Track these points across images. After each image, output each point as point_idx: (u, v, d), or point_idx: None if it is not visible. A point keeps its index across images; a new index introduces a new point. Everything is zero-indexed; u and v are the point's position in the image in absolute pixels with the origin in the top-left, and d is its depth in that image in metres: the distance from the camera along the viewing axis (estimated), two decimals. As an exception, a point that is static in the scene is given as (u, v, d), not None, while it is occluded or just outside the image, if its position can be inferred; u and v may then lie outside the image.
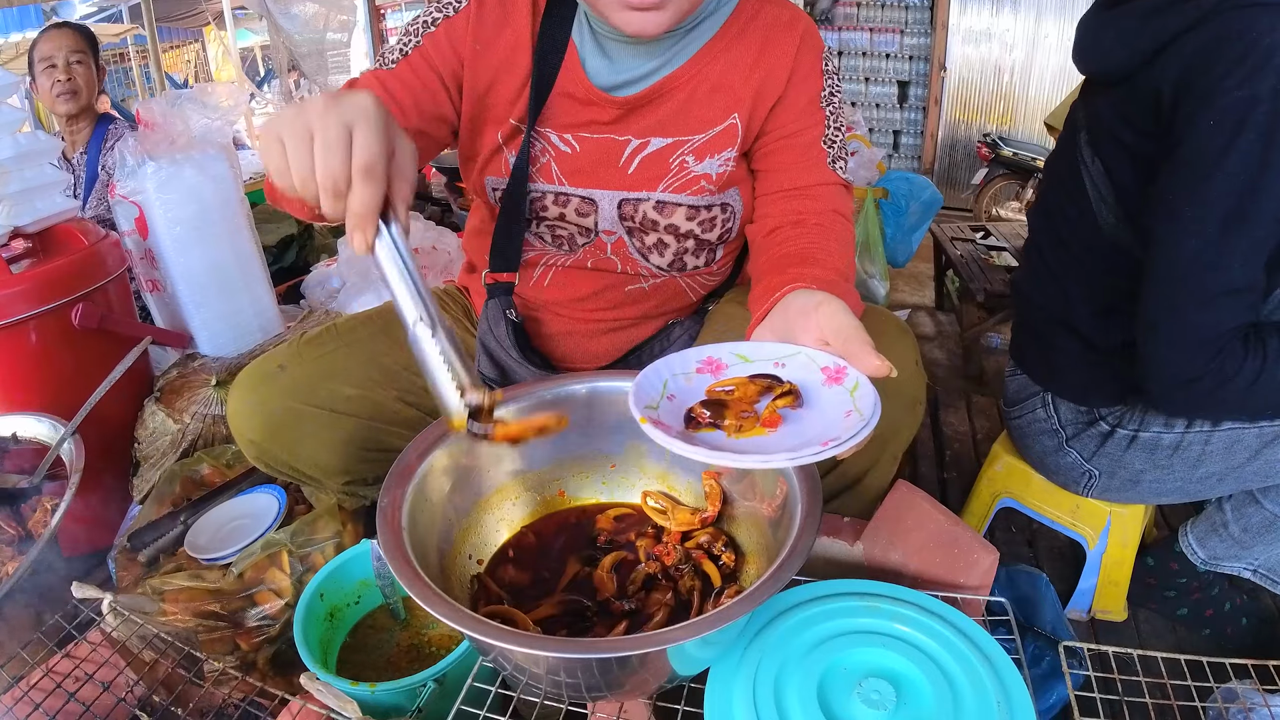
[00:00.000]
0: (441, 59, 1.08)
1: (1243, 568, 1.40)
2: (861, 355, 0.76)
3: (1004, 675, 0.75)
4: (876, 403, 0.72)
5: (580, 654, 0.63)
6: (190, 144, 1.92)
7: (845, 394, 0.76)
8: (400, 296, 0.71)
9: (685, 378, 0.83)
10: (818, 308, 0.82)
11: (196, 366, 1.90)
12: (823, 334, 0.81)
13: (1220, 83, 1.01)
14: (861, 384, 0.76)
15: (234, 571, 1.28)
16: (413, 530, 0.77)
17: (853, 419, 0.72)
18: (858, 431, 0.69)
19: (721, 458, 0.69)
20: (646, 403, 0.77)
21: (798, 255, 0.99)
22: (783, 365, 0.81)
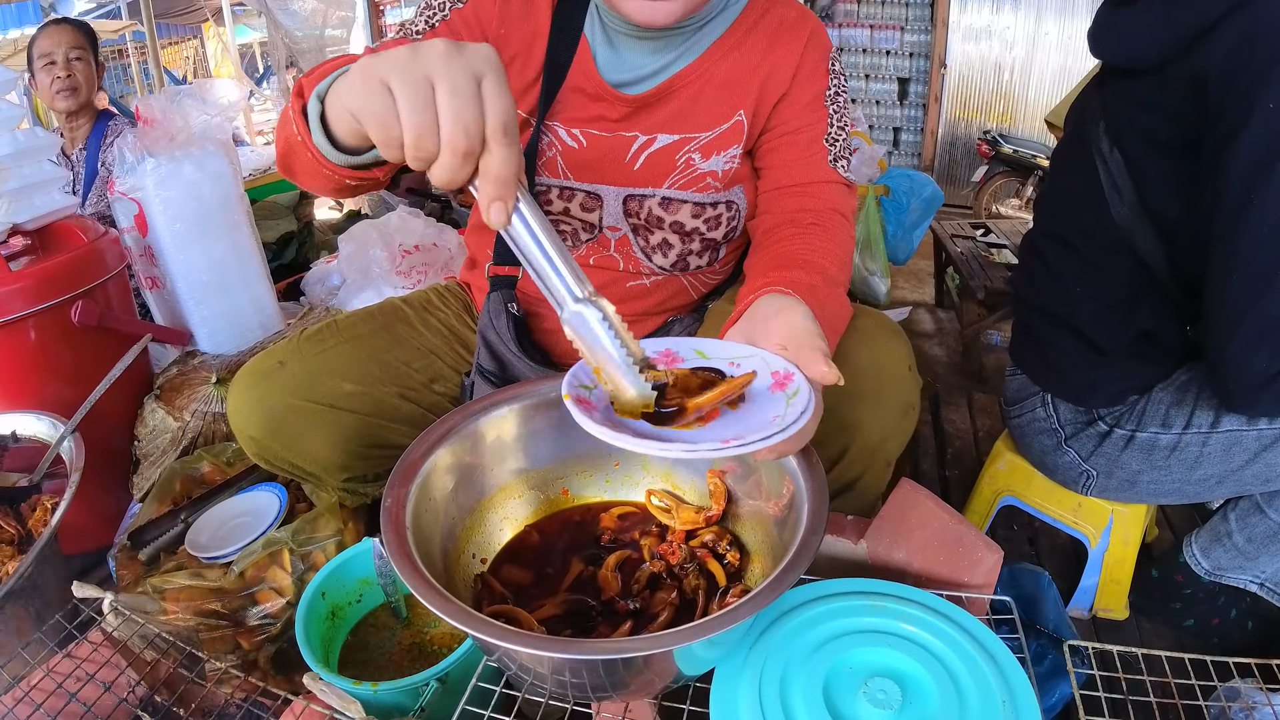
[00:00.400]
0: (470, 35, 1.07)
1: (1249, 580, 1.38)
2: (810, 361, 0.75)
3: (1009, 674, 0.75)
4: (806, 411, 0.70)
5: (585, 655, 0.63)
6: (190, 141, 1.92)
7: (783, 399, 0.75)
8: (550, 274, 0.65)
9: None
10: (779, 313, 0.82)
11: (196, 364, 1.89)
12: (781, 339, 0.80)
13: (1273, 64, 0.99)
14: (801, 390, 0.74)
15: (235, 570, 1.27)
16: (416, 529, 0.76)
17: (773, 422, 0.70)
18: (769, 435, 0.66)
19: (620, 439, 0.66)
20: (582, 381, 0.75)
21: (786, 257, 0.98)
22: (737, 365, 0.80)
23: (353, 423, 1.16)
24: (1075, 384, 1.36)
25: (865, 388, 1.00)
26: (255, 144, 5.44)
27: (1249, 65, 1.01)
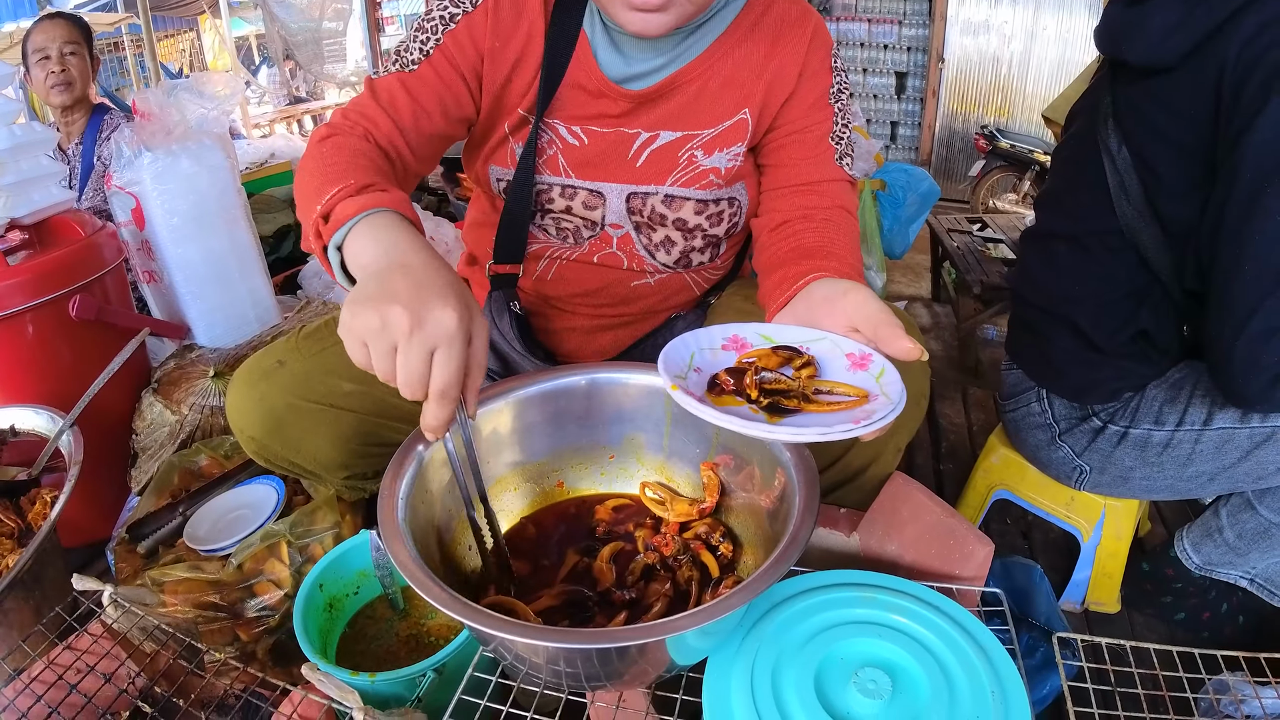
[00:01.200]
0: (464, 57, 1.06)
1: (1239, 575, 1.39)
2: (893, 339, 0.78)
3: (999, 666, 0.76)
4: (903, 388, 0.74)
5: (580, 645, 0.63)
6: (187, 134, 1.91)
7: (870, 379, 0.78)
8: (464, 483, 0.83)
9: (711, 352, 0.84)
10: (844, 295, 0.84)
11: (194, 358, 1.90)
12: (850, 321, 0.82)
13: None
14: (888, 370, 0.78)
15: (233, 563, 1.28)
16: (413, 521, 0.77)
17: (880, 402, 0.74)
18: (886, 413, 0.71)
19: (753, 428, 0.71)
20: (675, 373, 0.78)
21: (812, 248, 1.00)
22: (808, 349, 0.83)
23: (352, 421, 1.16)
24: (1071, 381, 1.36)
25: None
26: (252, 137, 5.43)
27: (1265, 57, 1.01)
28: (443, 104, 1.05)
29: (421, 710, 1.00)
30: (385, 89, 1.03)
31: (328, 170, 0.87)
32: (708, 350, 0.84)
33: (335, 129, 0.98)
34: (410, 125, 1.02)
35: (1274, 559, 1.35)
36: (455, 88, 1.06)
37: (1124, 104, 1.21)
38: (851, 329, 0.82)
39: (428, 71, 1.04)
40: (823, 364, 0.81)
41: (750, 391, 0.77)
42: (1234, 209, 1.06)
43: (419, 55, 1.05)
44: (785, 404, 0.76)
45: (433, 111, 1.04)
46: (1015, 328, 1.51)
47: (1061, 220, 1.36)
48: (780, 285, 0.94)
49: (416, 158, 1.04)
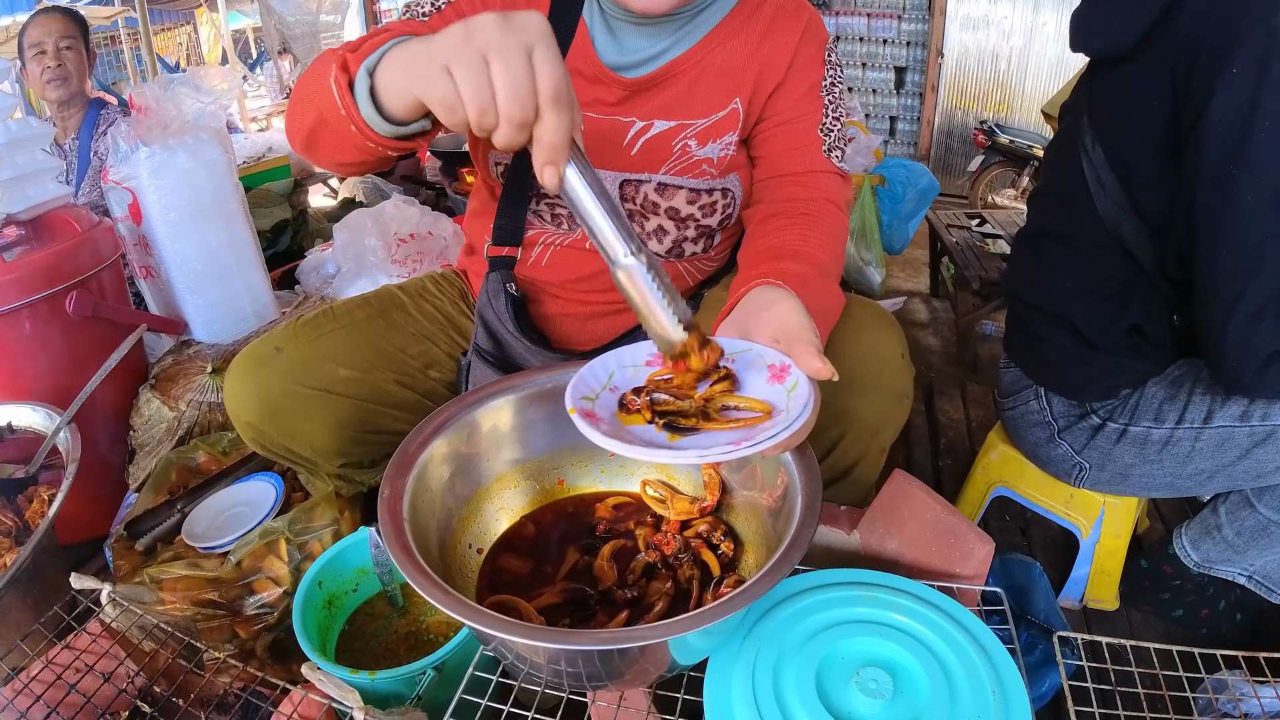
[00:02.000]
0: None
1: (1237, 573, 1.40)
2: (803, 355, 0.76)
3: (999, 664, 0.76)
4: (808, 405, 0.72)
5: (582, 645, 0.63)
6: (183, 129, 1.91)
7: (783, 392, 0.76)
8: (602, 230, 0.70)
9: (634, 369, 0.83)
10: (772, 305, 0.83)
11: (191, 353, 1.89)
12: (774, 332, 0.81)
13: (1233, 31, 0.99)
14: (800, 384, 0.75)
15: (232, 560, 1.28)
16: (414, 520, 0.77)
17: (778, 418, 0.72)
18: (779, 430, 0.68)
19: (639, 452, 0.69)
20: (584, 394, 0.77)
21: (779, 248, 0.99)
22: (733, 361, 0.81)
23: (349, 408, 1.17)
24: (1068, 379, 1.36)
25: (859, 376, 1.01)
26: (249, 131, 5.42)
27: (1213, 34, 1.02)
28: None
29: (421, 708, 1.00)
30: (396, 27, 1.01)
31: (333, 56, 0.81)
32: (630, 368, 0.83)
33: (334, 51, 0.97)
34: None
35: (1272, 556, 1.35)
36: None
37: (1096, 99, 1.23)
38: (774, 340, 0.81)
39: (438, 22, 1.06)
40: (746, 376, 0.80)
41: (644, 413, 0.76)
42: (1203, 195, 1.06)
43: (430, 9, 1.07)
44: (683, 423, 0.74)
45: None
46: (1011, 327, 1.51)
47: (1047, 218, 1.37)
48: (736, 289, 0.94)
49: None
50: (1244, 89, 0.99)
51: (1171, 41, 1.07)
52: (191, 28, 8.63)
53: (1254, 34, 0.97)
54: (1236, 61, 0.99)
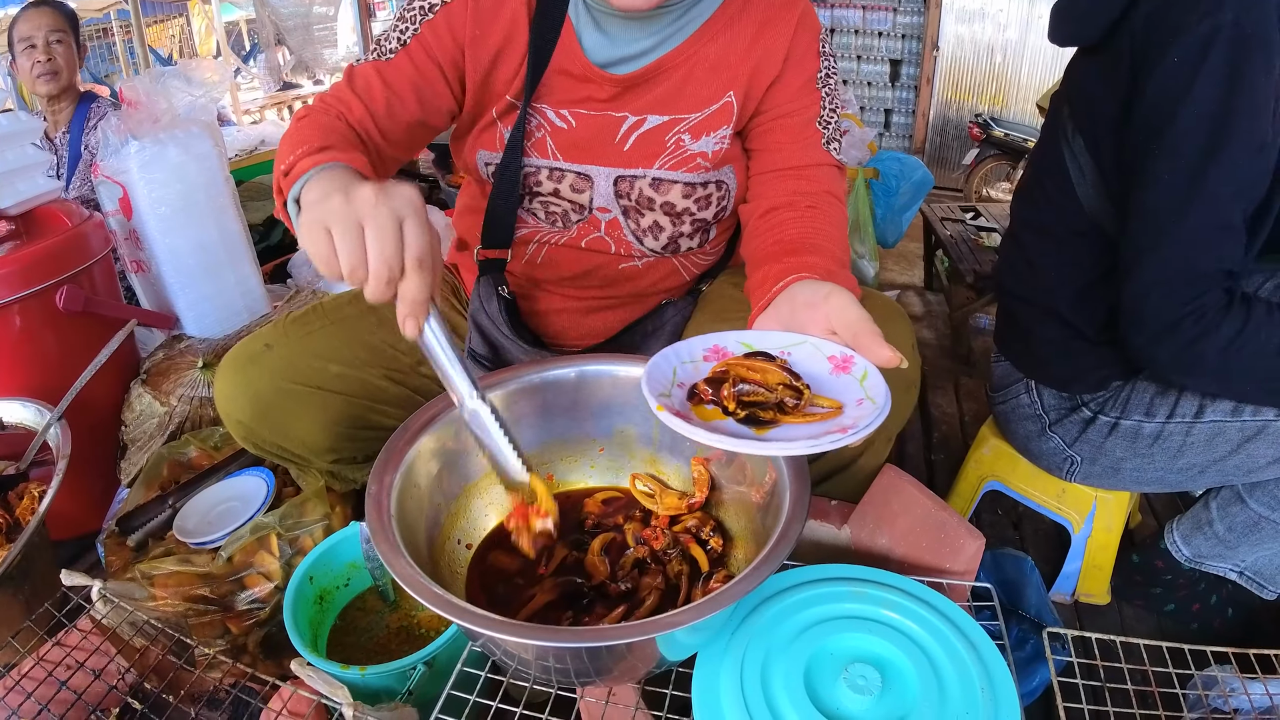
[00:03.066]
0: (441, 48, 1.07)
1: (1228, 568, 1.40)
2: (872, 346, 0.78)
3: (988, 660, 0.76)
4: (887, 391, 0.74)
5: (570, 643, 0.63)
6: (174, 122, 1.90)
7: (854, 382, 0.78)
8: (452, 378, 0.78)
9: (693, 364, 0.84)
10: (826, 299, 0.84)
11: (183, 348, 1.89)
12: (830, 325, 0.82)
13: (1181, 22, 1.03)
14: (871, 373, 0.77)
15: (223, 555, 1.27)
16: (401, 517, 0.77)
17: (866, 407, 0.73)
18: (873, 420, 0.70)
19: (738, 444, 0.70)
20: (660, 391, 0.78)
21: (796, 242, 1.00)
22: (789, 354, 0.82)
23: (340, 405, 1.16)
24: (1058, 371, 1.37)
25: None
26: (242, 124, 5.39)
27: (1162, 24, 1.05)
28: (418, 91, 1.07)
29: (413, 703, 1.00)
30: (361, 76, 1.06)
31: (297, 140, 0.89)
32: (689, 363, 0.84)
33: (311, 110, 1.02)
34: (383, 111, 1.04)
35: (1263, 552, 1.35)
36: (431, 78, 1.08)
37: (1073, 89, 1.25)
38: (831, 332, 0.82)
39: (404, 61, 1.06)
40: (804, 368, 0.80)
41: (728, 404, 0.77)
42: (1128, 167, 1.11)
43: (396, 45, 1.07)
44: (762, 415, 0.76)
45: (407, 99, 1.06)
46: (1001, 320, 1.52)
47: (1032, 211, 1.38)
48: (764, 284, 0.94)
49: (389, 142, 1.06)
50: (1179, 77, 1.03)
51: (1130, 31, 1.10)
52: (184, 19, 8.58)
53: (1198, 28, 1.01)
54: (1177, 50, 1.03)
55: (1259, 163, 1.05)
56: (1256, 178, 1.06)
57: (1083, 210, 1.25)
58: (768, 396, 0.76)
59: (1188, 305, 1.07)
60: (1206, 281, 1.07)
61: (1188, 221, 1.05)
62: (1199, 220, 1.05)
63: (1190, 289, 1.07)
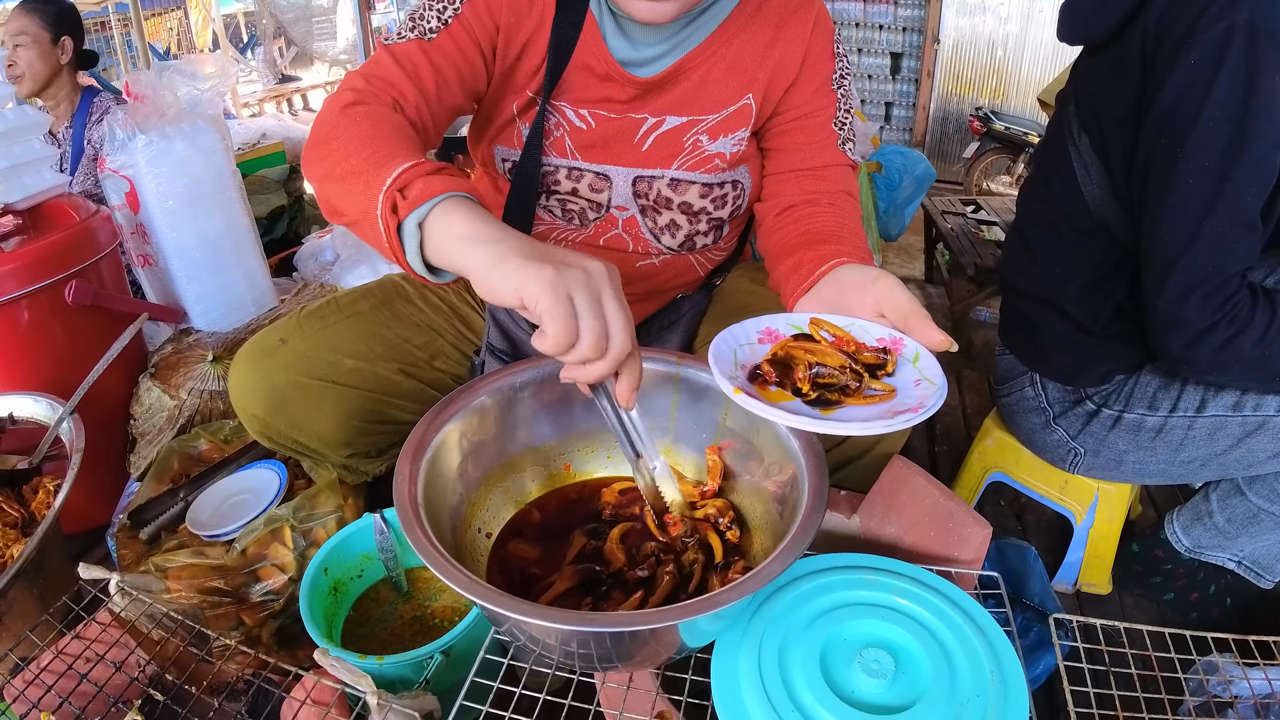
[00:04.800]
0: (481, 28, 1.05)
1: (1227, 558, 1.42)
2: (923, 329, 0.80)
3: (997, 647, 0.78)
4: (942, 371, 0.76)
5: (595, 627, 0.65)
6: (180, 116, 1.90)
7: (908, 364, 0.80)
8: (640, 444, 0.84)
9: (749, 347, 0.86)
10: (874, 282, 0.85)
11: (191, 342, 1.90)
12: (879, 308, 0.84)
13: (1196, 22, 1.02)
14: (922, 354, 0.80)
15: (237, 548, 1.29)
16: (428, 505, 0.78)
17: (925, 388, 0.76)
18: (936, 399, 0.72)
19: (820, 424, 0.72)
20: (728, 374, 0.79)
21: (823, 233, 1.01)
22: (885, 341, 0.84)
23: (355, 399, 1.17)
24: (1063, 365, 1.38)
25: None
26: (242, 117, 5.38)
27: (1176, 24, 1.05)
28: (460, 75, 1.04)
29: (429, 691, 1.01)
30: (407, 56, 1.00)
31: (379, 142, 0.84)
32: (746, 345, 0.85)
33: (362, 96, 0.94)
34: (434, 95, 1.01)
35: (1262, 543, 1.37)
36: (473, 59, 1.05)
37: (1081, 86, 1.26)
38: (879, 315, 0.84)
39: (447, 41, 1.03)
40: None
41: (802, 385, 0.79)
42: (1151, 170, 1.10)
43: (437, 24, 1.03)
44: (829, 397, 0.78)
45: (452, 82, 1.03)
46: (1006, 314, 1.53)
47: (1037, 207, 1.38)
48: (797, 270, 0.95)
49: (437, 127, 1.04)
50: (1198, 79, 1.03)
51: (1142, 30, 1.10)
52: (182, 12, 8.54)
53: (1214, 28, 1.01)
54: (1194, 52, 1.03)
55: (1276, 158, 1.05)
56: (1272, 174, 1.06)
57: (1088, 209, 1.26)
58: (837, 378, 0.78)
59: (1223, 308, 1.08)
60: (1235, 282, 1.08)
61: (1214, 224, 1.05)
62: (1225, 222, 1.05)
63: (1222, 291, 1.08)
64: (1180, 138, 1.06)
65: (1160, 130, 1.09)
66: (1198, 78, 1.03)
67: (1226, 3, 1.01)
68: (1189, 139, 1.05)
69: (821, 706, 0.71)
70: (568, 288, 0.66)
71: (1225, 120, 1.02)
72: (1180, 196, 1.07)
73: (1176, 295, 1.10)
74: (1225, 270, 1.07)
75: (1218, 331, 1.09)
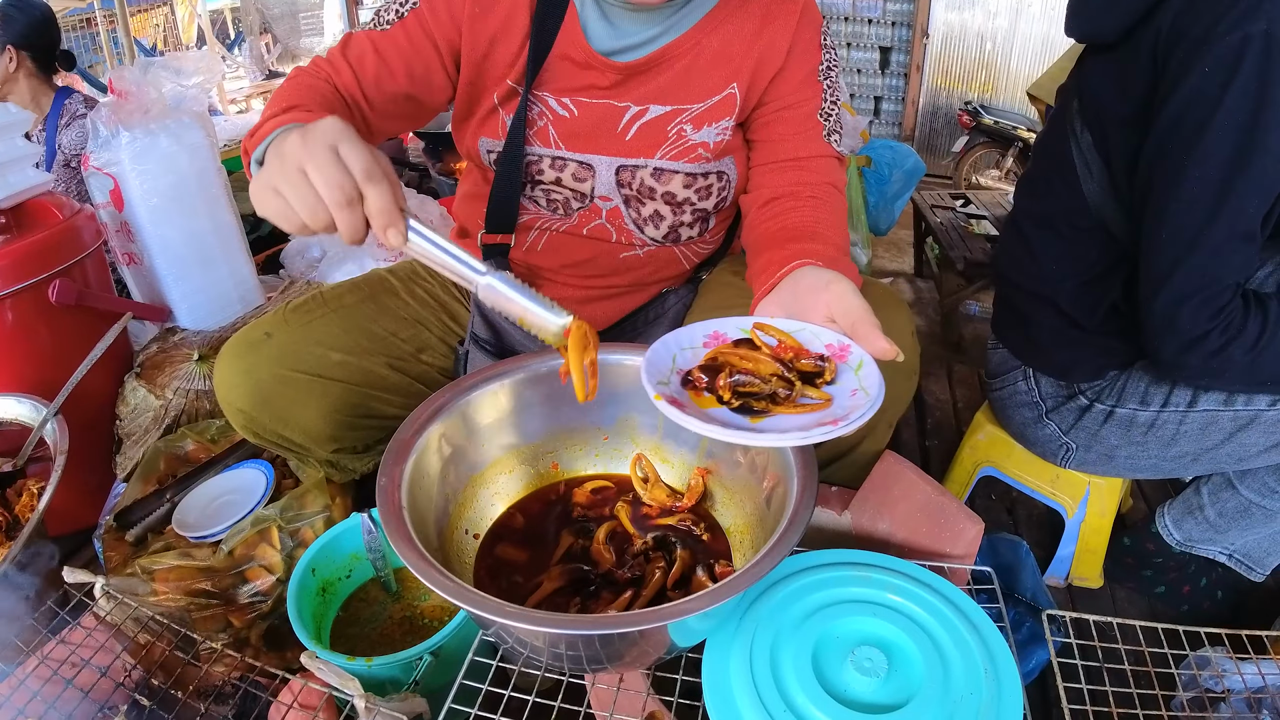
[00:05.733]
0: (438, 25, 1.07)
1: (1218, 551, 1.42)
2: (870, 337, 0.79)
3: (990, 642, 0.78)
4: (881, 382, 0.74)
5: (583, 630, 0.64)
6: (165, 113, 1.88)
7: (850, 372, 0.79)
8: (454, 264, 0.76)
9: (692, 351, 0.84)
10: (828, 286, 0.84)
11: (177, 340, 1.88)
12: (830, 313, 0.83)
13: (1212, 29, 1.01)
14: (866, 363, 0.78)
15: (224, 549, 1.28)
16: (412, 508, 0.77)
17: (859, 398, 0.74)
18: (865, 411, 0.71)
19: (733, 435, 0.71)
20: (658, 379, 0.78)
21: (799, 229, 1.01)
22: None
23: (341, 392, 1.17)
24: (1056, 360, 1.38)
25: None
26: (229, 113, 5.34)
27: (1191, 29, 1.03)
28: (409, 66, 1.08)
29: (419, 693, 1.00)
30: (356, 44, 1.07)
31: (275, 100, 0.92)
32: (689, 350, 0.84)
33: (300, 71, 1.05)
34: (371, 80, 1.05)
35: (1252, 536, 1.38)
36: (425, 53, 1.08)
37: (1084, 84, 1.24)
38: (830, 320, 0.83)
39: (399, 34, 1.07)
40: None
41: (723, 394, 0.77)
42: (1154, 174, 1.09)
43: (393, 17, 1.08)
44: (755, 405, 0.76)
45: (397, 72, 1.07)
46: (1000, 308, 1.52)
47: (1035, 202, 1.38)
48: (767, 269, 0.95)
49: (377, 113, 1.07)
50: (1210, 87, 1.01)
51: (1154, 33, 1.09)
52: (168, 8, 8.47)
53: (1229, 37, 1.00)
54: (1209, 60, 1.01)
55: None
56: (1275, 186, 1.05)
57: (1088, 207, 1.25)
58: (761, 387, 0.77)
59: (1216, 318, 1.08)
60: (1230, 292, 1.07)
61: (1214, 234, 1.05)
62: (1225, 232, 1.04)
63: (1216, 301, 1.07)
64: (1188, 145, 1.05)
65: (1168, 136, 1.07)
66: (1209, 86, 1.02)
67: (1244, 11, 0.99)
68: (1196, 147, 1.04)
69: (814, 706, 0.71)
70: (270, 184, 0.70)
71: (1234, 131, 1.01)
72: (1183, 204, 1.06)
73: (1171, 302, 1.10)
74: (1221, 281, 1.06)
75: (1210, 340, 1.09)
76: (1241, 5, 0.99)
